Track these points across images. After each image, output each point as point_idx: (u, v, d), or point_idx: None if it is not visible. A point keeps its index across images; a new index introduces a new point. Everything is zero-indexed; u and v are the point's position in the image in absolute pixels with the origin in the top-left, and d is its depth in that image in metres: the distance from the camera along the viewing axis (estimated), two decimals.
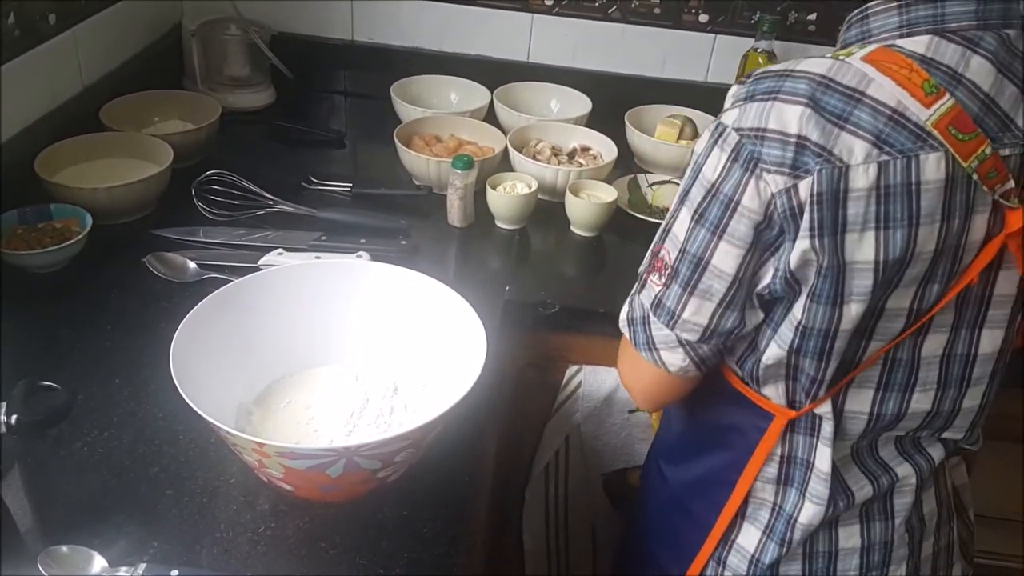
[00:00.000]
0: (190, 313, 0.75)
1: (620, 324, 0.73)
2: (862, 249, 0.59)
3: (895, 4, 0.62)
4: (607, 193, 1.20)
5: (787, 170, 0.58)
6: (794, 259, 0.60)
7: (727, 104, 0.63)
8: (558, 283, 1.11)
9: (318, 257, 1.04)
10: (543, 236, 1.21)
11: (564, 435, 1.11)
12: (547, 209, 1.23)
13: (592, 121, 1.40)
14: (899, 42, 0.60)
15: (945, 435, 0.74)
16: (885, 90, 0.57)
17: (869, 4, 0.64)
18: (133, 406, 0.81)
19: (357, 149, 1.43)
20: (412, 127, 1.31)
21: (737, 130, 0.60)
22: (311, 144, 1.40)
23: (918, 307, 0.64)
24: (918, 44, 0.60)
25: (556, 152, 1.30)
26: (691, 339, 0.67)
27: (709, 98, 1.47)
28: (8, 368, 0.79)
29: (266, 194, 1.16)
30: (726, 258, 0.63)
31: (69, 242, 0.97)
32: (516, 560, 1.18)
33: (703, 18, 1.46)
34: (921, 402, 0.70)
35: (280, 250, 1.05)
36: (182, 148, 1.17)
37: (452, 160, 1.15)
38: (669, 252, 0.66)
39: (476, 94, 1.44)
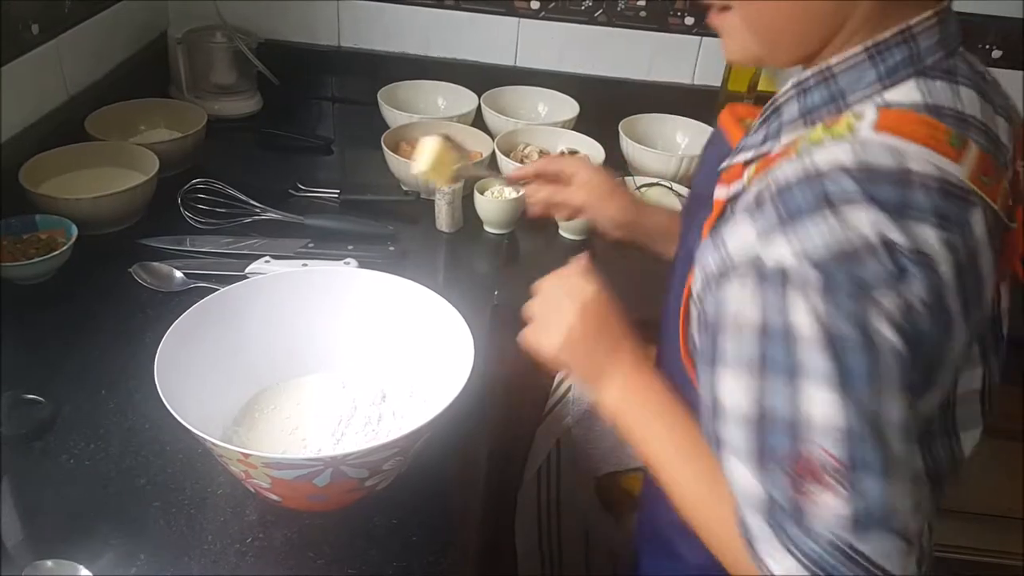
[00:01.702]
0: (175, 323, 0.75)
1: None
2: (960, 338, 0.51)
3: (862, 55, 0.54)
4: None
5: (894, 281, 0.47)
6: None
7: (751, 240, 0.51)
8: None
9: (305, 264, 1.03)
10: (531, 240, 1.21)
11: (555, 439, 1.10)
12: None
13: (579, 124, 1.40)
14: (887, 96, 0.53)
15: None
16: (922, 159, 0.50)
17: (829, 64, 0.55)
18: (119, 417, 0.81)
19: (345, 155, 1.43)
20: (400, 132, 1.31)
21: (812, 263, 0.48)
22: (298, 151, 1.40)
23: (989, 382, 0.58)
24: (909, 93, 0.53)
25: (544, 156, 1.30)
26: (918, 528, 0.49)
27: (695, 100, 1.48)
28: None
29: (253, 202, 1.16)
30: (900, 410, 0.49)
31: (55, 253, 0.96)
32: (509, 564, 1.18)
33: (688, 20, 1.46)
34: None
35: (267, 258, 1.05)
36: (168, 157, 1.17)
37: None
38: (826, 447, 0.48)
39: (463, 99, 1.44)
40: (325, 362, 0.86)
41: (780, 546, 0.50)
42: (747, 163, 0.59)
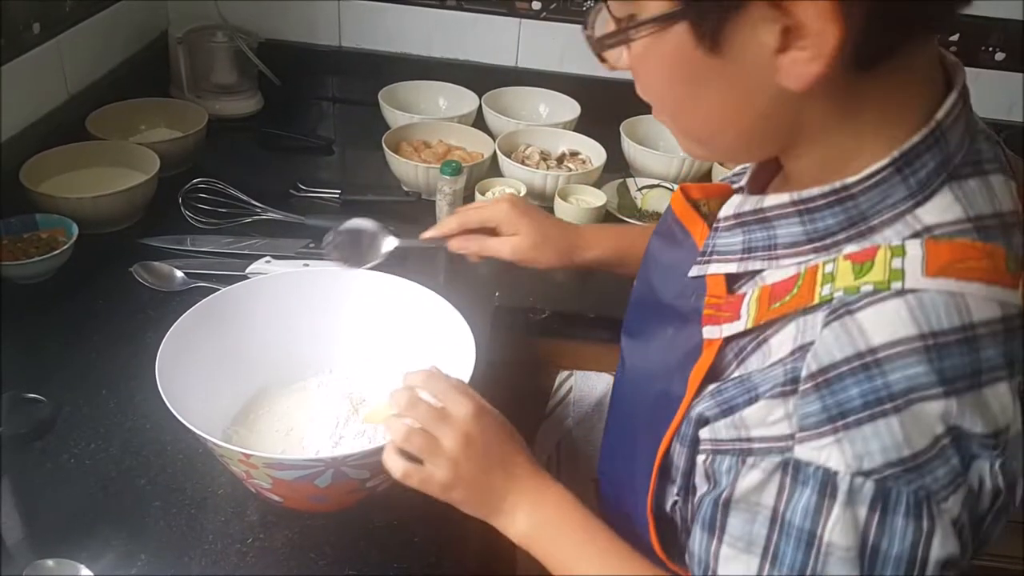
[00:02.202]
0: (175, 323, 0.74)
1: None
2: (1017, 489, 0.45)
3: (890, 169, 0.45)
4: (596, 198, 1.20)
5: (960, 478, 0.42)
6: None
7: (779, 428, 0.44)
8: (548, 288, 1.11)
9: (306, 264, 1.03)
10: None
11: (555, 440, 1.10)
12: None
13: (580, 125, 1.40)
14: (921, 215, 0.45)
15: None
16: (983, 302, 0.42)
17: (844, 183, 0.46)
18: (120, 417, 0.80)
19: (346, 155, 1.43)
20: (400, 133, 1.31)
21: (867, 474, 0.41)
22: (299, 151, 1.40)
23: None
24: (948, 207, 0.44)
25: (545, 157, 1.30)
26: None
27: None
28: None
29: (254, 202, 1.15)
30: None
31: (55, 252, 0.96)
32: (509, 564, 1.18)
33: None
34: None
35: (268, 258, 1.04)
36: (169, 156, 1.17)
37: (440, 166, 1.15)
38: None
39: (464, 99, 1.44)
40: (325, 363, 0.86)
41: None
42: (729, 278, 0.52)
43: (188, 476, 0.75)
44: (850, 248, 0.46)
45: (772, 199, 0.50)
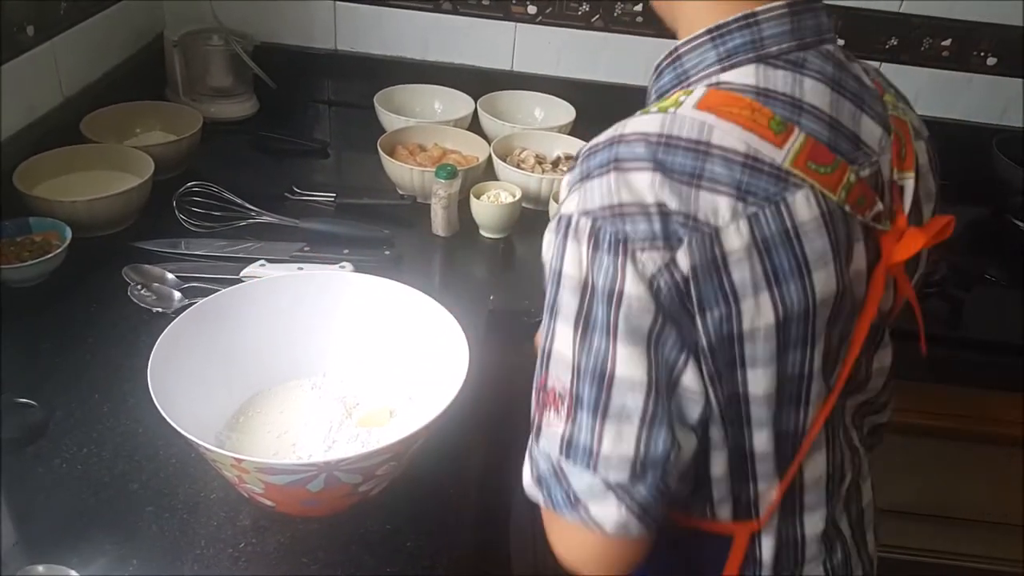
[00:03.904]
0: (168, 328, 0.74)
1: (527, 489, 0.58)
2: (762, 313, 0.53)
3: (707, 37, 0.56)
4: None
5: (660, 243, 0.51)
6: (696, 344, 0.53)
7: (563, 195, 0.56)
8: (542, 292, 1.11)
9: (301, 268, 1.03)
10: (528, 245, 1.21)
11: None
12: (531, 218, 1.23)
13: (576, 129, 1.40)
14: (723, 77, 0.55)
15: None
16: (732, 136, 0.52)
17: (677, 45, 0.58)
18: (112, 421, 0.80)
19: (341, 159, 1.43)
20: (396, 136, 1.31)
21: (585, 214, 0.52)
22: (294, 154, 1.40)
23: (835, 357, 0.59)
24: (746, 75, 0.55)
25: (540, 160, 1.30)
26: (621, 480, 0.53)
27: None
28: None
29: (248, 205, 1.15)
30: (631, 362, 0.52)
31: (49, 255, 0.96)
32: (503, 568, 1.17)
33: None
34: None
35: (262, 261, 1.04)
36: (164, 160, 1.17)
37: (435, 170, 1.15)
38: (560, 378, 0.54)
39: (460, 103, 1.44)
40: (319, 366, 0.86)
41: (528, 458, 0.58)
42: None
43: (180, 480, 0.75)
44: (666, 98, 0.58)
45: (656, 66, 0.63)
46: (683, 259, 0.51)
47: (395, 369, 0.84)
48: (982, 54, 1.45)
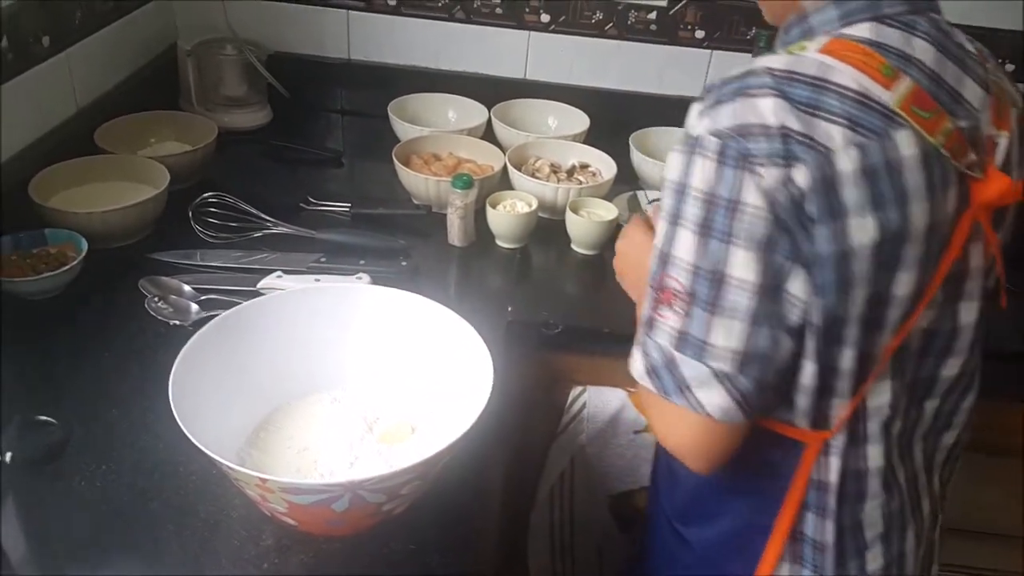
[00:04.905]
0: (188, 343, 0.73)
1: (638, 378, 0.65)
2: (864, 231, 0.59)
3: (829, 1, 0.65)
4: (607, 211, 1.19)
5: (780, 160, 0.57)
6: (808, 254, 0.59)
7: (692, 120, 0.62)
8: (560, 302, 1.10)
9: (318, 279, 1.02)
10: (544, 255, 1.20)
11: (569, 457, 1.09)
12: (547, 227, 1.22)
13: (590, 137, 1.40)
14: (844, 31, 0.63)
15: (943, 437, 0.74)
16: (847, 76, 0.59)
17: (803, 4, 0.66)
18: (131, 437, 0.79)
19: (355, 168, 1.42)
20: (410, 146, 1.30)
21: (715, 134, 0.59)
22: (308, 164, 1.39)
23: (918, 289, 0.63)
24: (862, 31, 0.63)
25: (555, 169, 1.29)
26: (726, 369, 0.60)
27: None
28: (2, 398, 0.77)
29: (264, 215, 1.15)
30: (745, 266, 0.59)
31: (65, 268, 0.95)
32: None
33: (699, 34, 1.46)
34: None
35: (279, 273, 1.04)
36: (178, 170, 1.16)
37: (452, 180, 1.14)
38: (678, 278, 0.61)
39: (474, 112, 1.44)
40: (338, 380, 0.85)
41: (639, 349, 0.65)
42: None
43: (201, 498, 0.74)
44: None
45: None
46: (800, 176, 0.57)
47: (415, 383, 0.83)
48: (1000, 61, 1.43)
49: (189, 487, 0.75)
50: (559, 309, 1.07)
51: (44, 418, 0.66)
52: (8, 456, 0.60)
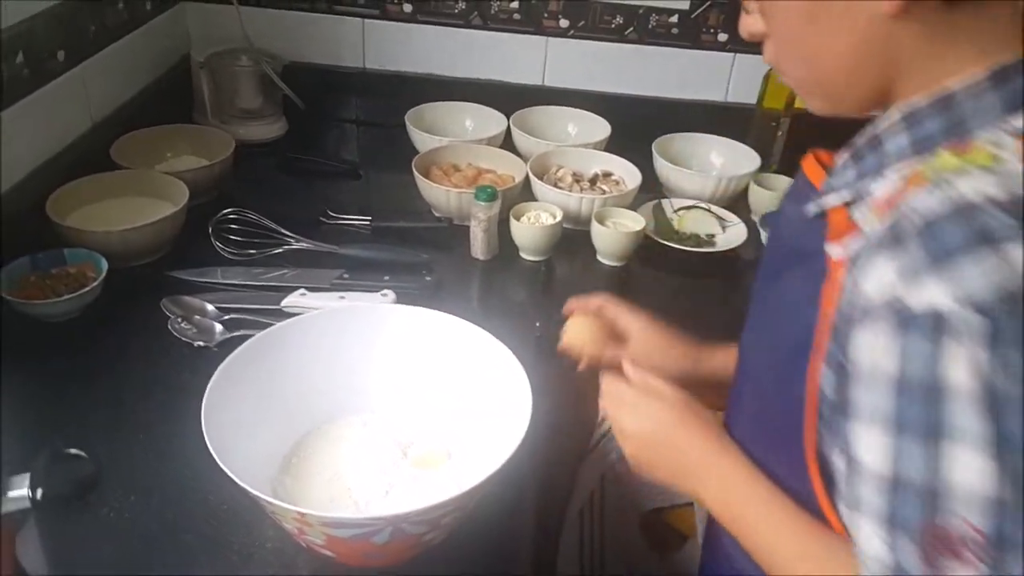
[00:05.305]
0: (219, 368, 0.71)
1: None
2: None
3: (985, 81, 0.50)
4: (633, 221, 1.17)
5: None
6: None
7: (890, 279, 0.46)
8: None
9: (342, 297, 1.00)
10: (569, 266, 1.18)
11: (599, 475, 1.07)
12: (571, 238, 1.20)
13: (611, 145, 1.37)
14: (1011, 120, 0.49)
15: None
16: None
17: (946, 88, 0.51)
18: (158, 465, 0.77)
19: (373, 180, 1.40)
20: (429, 157, 1.28)
21: (969, 305, 0.43)
22: (325, 176, 1.37)
23: None
24: None
25: (578, 179, 1.27)
26: None
27: (729, 118, 1.44)
28: (26, 428, 0.75)
29: (284, 231, 1.12)
30: None
31: (85, 289, 0.93)
32: None
33: (722, 37, 1.44)
34: None
35: (303, 290, 1.01)
36: (196, 185, 1.14)
37: (475, 192, 1.12)
38: (967, 518, 0.44)
39: (492, 120, 1.42)
40: (368, 403, 0.83)
41: None
42: (847, 206, 0.55)
43: (234, 529, 0.72)
44: (956, 149, 0.50)
45: (884, 119, 0.54)
46: None
47: (449, 405, 0.81)
48: None
49: (220, 517, 0.73)
50: None
51: (74, 451, 0.64)
52: (39, 493, 0.58)
